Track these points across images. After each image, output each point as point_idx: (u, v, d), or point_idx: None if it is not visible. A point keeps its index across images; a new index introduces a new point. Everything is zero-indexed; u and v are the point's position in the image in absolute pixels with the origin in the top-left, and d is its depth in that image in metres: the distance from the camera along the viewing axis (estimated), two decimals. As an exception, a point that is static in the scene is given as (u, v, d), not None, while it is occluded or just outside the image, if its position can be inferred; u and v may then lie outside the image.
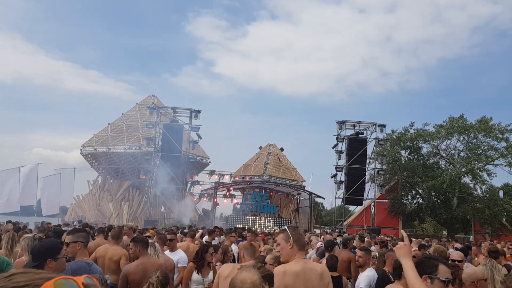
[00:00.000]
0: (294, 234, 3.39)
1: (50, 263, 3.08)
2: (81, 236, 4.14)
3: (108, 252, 5.93)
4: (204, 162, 37.01)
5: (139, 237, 5.33)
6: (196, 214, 33.20)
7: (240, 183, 34.12)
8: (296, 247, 3.34)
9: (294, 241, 3.34)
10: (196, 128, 29.82)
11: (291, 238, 3.34)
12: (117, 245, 6.11)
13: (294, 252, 3.33)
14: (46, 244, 3.29)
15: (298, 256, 3.33)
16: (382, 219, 31.01)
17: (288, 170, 36.36)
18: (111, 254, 5.88)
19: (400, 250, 2.50)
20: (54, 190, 26.88)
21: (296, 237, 3.37)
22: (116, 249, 6.00)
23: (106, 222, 28.51)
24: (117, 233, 6.25)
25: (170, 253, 6.27)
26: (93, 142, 34.97)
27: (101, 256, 5.92)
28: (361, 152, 29.86)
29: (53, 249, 3.20)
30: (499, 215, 28.78)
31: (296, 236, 3.38)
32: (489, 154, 30.79)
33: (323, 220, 49.93)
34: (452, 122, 31.65)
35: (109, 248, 6.00)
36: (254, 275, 2.11)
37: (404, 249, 2.49)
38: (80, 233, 4.20)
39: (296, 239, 3.35)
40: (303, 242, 3.45)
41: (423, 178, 30.63)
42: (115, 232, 6.27)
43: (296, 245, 3.34)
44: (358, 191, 29.68)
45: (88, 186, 35.62)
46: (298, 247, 3.35)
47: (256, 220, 29.80)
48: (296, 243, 3.34)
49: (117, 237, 6.19)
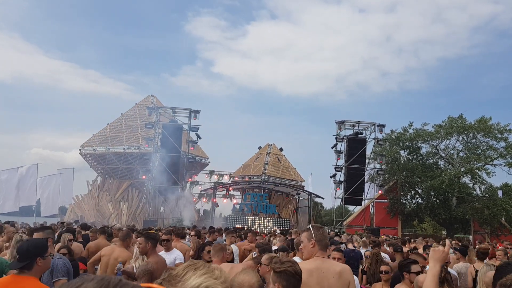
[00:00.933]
0: (317, 234, 3.39)
1: (39, 261, 3.16)
2: (50, 233, 4.58)
3: (114, 252, 5.92)
4: (203, 162, 37.03)
5: (152, 234, 5.31)
6: (196, 214, 33.18)
7: (239, 183, 34.13)
8: (318, 246, 3.34)
9: (317, 240, 3.35)
10: (196, 128, 29.81)
11: (314, 238, 3.35)
12: (123, 247, 6.08)
13: (315, 252, 3.34)
14: (34, 243, 3.35)
15: (319, 255, 3.33)
16: (381, 219, 31.03)
17: (288, 170, 36.38)
18: (117, 255, 5.85)
19: (435, 254, 2.52)
20: (53, 190, 26.85)
21: (319, 237, 3.37)
22: (123, 251, 5.99)
23: (105, 222, 28.52)
24: (125, 235, 6.20)
25: (165, 253, 6.23)
26: (93, 142, 34.96)
27: (106, 255, 5.89)
28: (360, 152, 29.87)
29: (42, 248, 3.28)
30: (498, 215, 28.81)
31: (319, 236, 3.38)
32: (488, 154, 30.84)
33: (323, 220, 49.93)
34: (451, 122, 31.69)
35: (116, 249, 5.99)
36: (253, 277, 2.11)
37: (440, 254, 2.51)
38: (48, 230, 4.65)
39: (318, 239, 3.36)
40: (326, 243, 3.44)
41: (422, 178, 30.65)
42: (123, 234, 6.22)
43: (318, 244, 3.34)
44: (357, 191, 29.68)
45: (87, 186, 35.62)
46: (320, 246, 3.35)
47: (255, 220, 29.81)
48: (318, 243, 3.35)
49: (125, 239, 6.14)
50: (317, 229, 3.47)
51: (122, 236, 6.18)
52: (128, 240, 6.18)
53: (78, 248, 7.17)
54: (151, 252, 4.87)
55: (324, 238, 3.44)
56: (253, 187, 33.75)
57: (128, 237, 6.21)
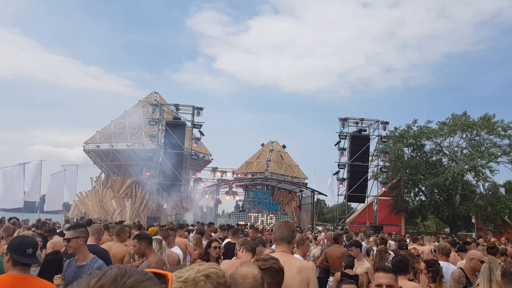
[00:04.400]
0: (277, 230, 3.50)
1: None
2: (83, 232, 4.10)
3: (111, 249, 5.85)
4: (206, 159, 37.08)
5: (144, 234, 5.29)
6: (199, 211, 33.27)
7: (242, 180, 34.19)
8: (279, 241, 3.45)
9: (276, 237, 3.48)
10: (199, 125, 29.87)
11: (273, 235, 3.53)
12: (120, 242, 6.06)
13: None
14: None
15: (281, 249, 3.39)
16: (384, 216, 31.03)
17: (290, 167, 36.39)
18: (115, 251, 5.81)
19: None
20: (58, 186, 26.97)
21: (278, 233, 3.47)
22: (120, 246, 5.97)
23: (109, 218, 28.65)
24: (119, 230, 6.15)
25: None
26: (96, 139, 35.06)
27: None
28: (363, 149, 29.84)
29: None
30: (501, 212, 28.76)
31: (278, 232, 3.47)
32: (491, 151, 30.76)
33: (325, 217, 49.99)
34: (455, 119, 31.60)
35: (113, 245, 5.94)
36: (255, 269, 2.13)
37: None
38: (81, 229, 4.16)
39: (278, 235, 3.46)
40: (287, 238, 3.44)
41: (425, 176, 30.60)
42: (117, 229, 6.19)
43: (278, 239, 3.46)
44: (360, 188, 29.68)
45: (91, 183, 35.74)
46: (280, 241, 3.44)
47: (258, 217, 29.87)
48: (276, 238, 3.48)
49: (119, 234, 6.10)
50: (279, 226, 3.52)
51: (116, 231, 6.14)
52: (123, 234, 6.12)
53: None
54: (148, 251, 4.84)
55: (285, 233, 3.45)
56: (256, 184, 33.80)
57: (122, 232, 6.14)
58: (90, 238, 4.99)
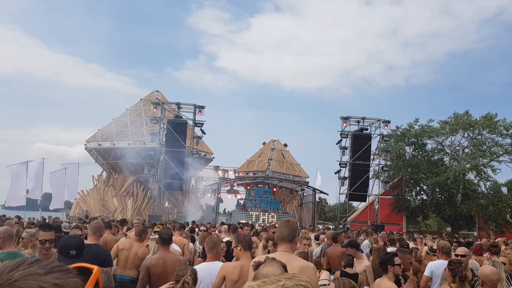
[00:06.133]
0: (278, 230, 3.47)
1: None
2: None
3: (133, 247, 5.99)
4: (208, 158, 37.09)
5: (159, 232, 5.44)
6: (200, 210, 33.32)
7: (243, 179, 34.20)
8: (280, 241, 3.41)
9: (277, 236, 3.44)
10: (200, 123, 29.89)
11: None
12: (141, 243, 6.15)
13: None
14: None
15: (283, 249, 3.36)
16: (386, 215, 31.03)
17: (292, 166, 36.39)
18: (136, 250, 5.94)
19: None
20: (60, 185, 27.08)
21: (278, 233, 3.44)
22: (141, 246, 6.08)
23: (111, 217, 28.70)
24: (141, 231, 6.25)
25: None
26: (98, 137, 35.10)
27: (125, 249, 5.95)
28: (365, 148, 29.81)
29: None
30: (503, 211, 28.73)
31: (278, 232, 3.44)
32: (493, 150, 30.74)
33: (327, 216, 49.97)
34: (456, 118, 31.57)
35: (134, 244, 6.05)
36: (277, 269, 2.14)
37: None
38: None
39: (279, 235, 3.43)
40: (280, 235, 3.43)
41: (427, 175, 30.59)
42: (139, 231, 6.25)
43: (280, 239, 3.42)
44: (362, 187, 29.65)
45: (93, 181, 35.79)
46: (281, 241, 3.40)
47: (259, 216, 29.88)
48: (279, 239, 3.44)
49: (141, 235, 6.19)
50: (280, 225, 3.51)
51: (138, 232, 6.23)
52: (143, 236, 6.25)
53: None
54: (161, 247, 5.09)
55: (285, 232, 3.38)
56: (257, 182, 33.80)
57: (144, 233, 6.27)
58: (89, 237, 5.03)
